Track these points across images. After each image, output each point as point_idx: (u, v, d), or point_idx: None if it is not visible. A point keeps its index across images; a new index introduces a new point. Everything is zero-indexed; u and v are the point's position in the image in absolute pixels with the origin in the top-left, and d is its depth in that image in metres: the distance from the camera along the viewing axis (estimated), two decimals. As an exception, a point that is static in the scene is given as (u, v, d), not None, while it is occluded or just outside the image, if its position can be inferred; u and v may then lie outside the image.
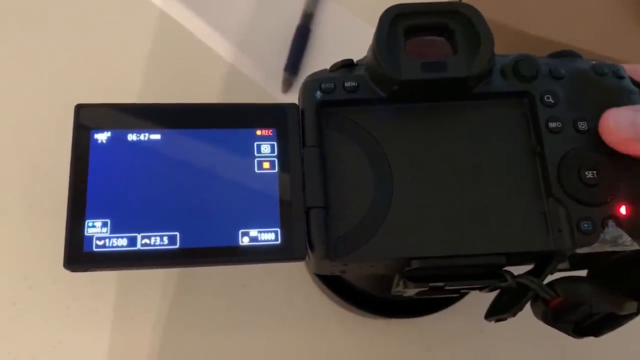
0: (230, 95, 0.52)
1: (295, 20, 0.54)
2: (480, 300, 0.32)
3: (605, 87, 0.29)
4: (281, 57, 0.53)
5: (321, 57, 0.54)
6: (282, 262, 0.27)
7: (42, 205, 0.46)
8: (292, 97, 0.52)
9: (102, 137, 0.27)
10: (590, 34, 0.44)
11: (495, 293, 0.32)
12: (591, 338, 0.31)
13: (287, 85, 0.52)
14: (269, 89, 0.52)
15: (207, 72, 0.52)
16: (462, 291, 0.31)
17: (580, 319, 0.30)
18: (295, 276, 0.46)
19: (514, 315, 0.29)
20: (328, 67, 0.31)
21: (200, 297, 0.46)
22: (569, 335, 0.30)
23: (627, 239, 0.27)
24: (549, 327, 0.31)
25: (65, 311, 0.45)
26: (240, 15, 0.54)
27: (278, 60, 0.53)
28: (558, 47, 0.34)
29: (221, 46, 0.53)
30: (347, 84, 0.29)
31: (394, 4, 0.29)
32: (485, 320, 0.32)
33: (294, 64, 0.52)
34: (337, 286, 0.41)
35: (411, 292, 0.29)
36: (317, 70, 0.31)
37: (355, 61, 0.31)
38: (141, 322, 0.45)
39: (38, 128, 0.49)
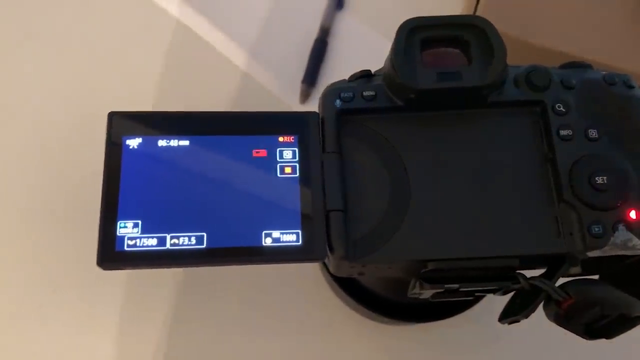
0: (248, 106, 0.53)
1: (312, 34, 0.56)
2: (495, 306, 0.33)
3: (615, 96, 0.30)
4: (299, 70, 0.54)
5: (338, 69, 0.55)
6: (303, 262, 0.28)
7: (65, 211, 0.48)
8: (310, 108, 0.52)
9: (133, 142, 0.28)
10: (601, 45, 0.45)
11: (509, 297, 0.33)
12: (605, 342, 0.32)
13: (304, 97, 0.53)
14: (288, 100, 0.54)
15: (227, 83, 0.54)
16: (476, 294, 0.32)
17: (592, 320, 0.30)
18: (311, 282, 0.47)
19: (526, 317, 0.30)
20: (346, 78, 0.32)
21: (215, 302, 0.47)
22: (580, 336, 0.31)
23: (637, 242, 0.28)
24: (565, 334, 0.32)
25: (88, 314, 0.46)
26: (259, 29, 0.56)
27: (296, 72, 0.54)
28: (570, 59, 0.36)
29: (240, 58, 0.55)
30: (365, 93, 0.30)
31: (408, 17, 0.30)
32: (501, 327, 0.32)
33: (311, 76, 0.54)
34: (353, 290, 0.42)
35: (427, 293, 0.30)
36: (333, 81, 0.32)
37: (373, 72, 0.32)
38: (156, 327, 0.46)
39: (63, 137, 0.51)
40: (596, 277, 0.33)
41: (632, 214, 0.28)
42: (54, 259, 0.47)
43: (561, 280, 0.30)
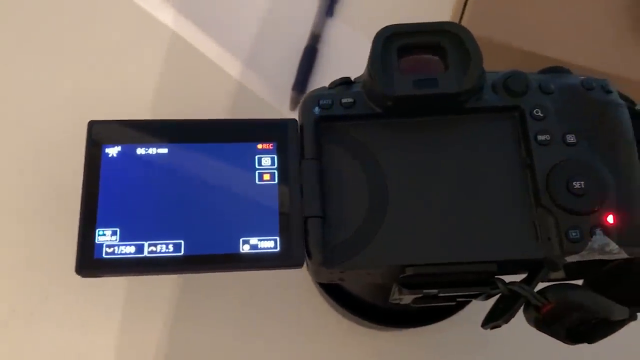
0: (239, 113, 0.54)
1: (303, 41, 0.56)
2: (484, 311, 0.33)
3: (593, 100, 0.30)
4: (289, 77, 0.55)
5: (328, 76, 0.55)
6: (281, 268, 0.28)
7: (57, 218, 0.48)
8: (300, 115, 0.53)
9: (112, 151, 0.29)
10: (585, 49, 0.45)
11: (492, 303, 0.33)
12: (588, 346, 0.32)
13: (294, 103, 0.54)
14: (278, 106, 0.54)
15: (217, 91, 0.54)
16: (458, 299, 0.32)
17: (573, 325, 0.30)
18: (302, 288, 0.48)
19: (506, 322, 0.30)
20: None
21: (207, 308, 0.47)
22: (562, 341, 0.31)
23: (614, 247, 0.28)
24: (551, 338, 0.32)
25: (81, 320, 0.47)
26: (250, 37, 0.56)
27: (286, 79, 0.55)
28: (554, 63, 0.36)
29: (231, 66, 0.55)
30: (344, 101, 0.31)
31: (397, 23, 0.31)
32: (490, 331, 0.32)
33: (301, 82, 0.54)
34: (340, 297, 0.42)
35: (407, 299, 0.30)
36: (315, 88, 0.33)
37: (353, 79, 0.32)
38: (150, 335, 0.46)
39: (52, 144, 0.51)
40: (580, 281, 0.33)
41: (610, 219, 0.28)
42: (51, 260, 0.47)
43: (542, 285, 0.30)
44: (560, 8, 0.47)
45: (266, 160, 0.29)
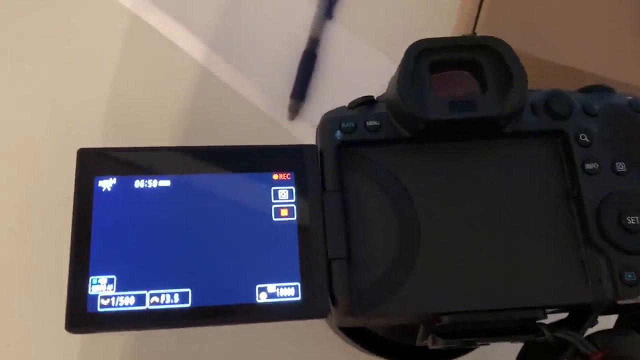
0: (235, 123, 0.50)
1: (301, 46, 0.52)
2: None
3: None
4: (287, 84, 0.51)
5: (328, 83, 0.52)
6: (304, 319, 0.25)
7: (39, 243, 0.44)
8: (299, 124, 0.50)
9: (106, 184, 0.25)
10: (602, 58, 0.42)
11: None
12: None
13: (293, 112, 0.50)
14: (275, 116, 0.50)
15: (213, 99, 0.50)
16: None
17: None
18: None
19: (551, 372, 0.27)
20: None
21: (206, 333, 0.44)
22: None
23: (673, 290, 0.25)
24: None
25: (62, 350, 0.42)
26: (246, 42, 0.53)
27: (284, 87, 0.51)
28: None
29: (225, 72, 0.51)
30: (369, 123, 0.27)
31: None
32: None
33: (300, 90, 0.51)
34: (354, 334, 0.39)
35: (440, 345, 0.27)
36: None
37: (375, 97, 0.29)
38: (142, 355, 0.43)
39: (32, 158, 0.47)
40: (615, 316, 0.31)
41: (668, 257, 0.25)
42: (26, 293, 0.43)
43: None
44: (577, 15, 0.44)
45: (283, 193, 0.26)
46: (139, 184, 0.25)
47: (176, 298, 0.24)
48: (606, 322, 0.29)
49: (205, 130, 0.49)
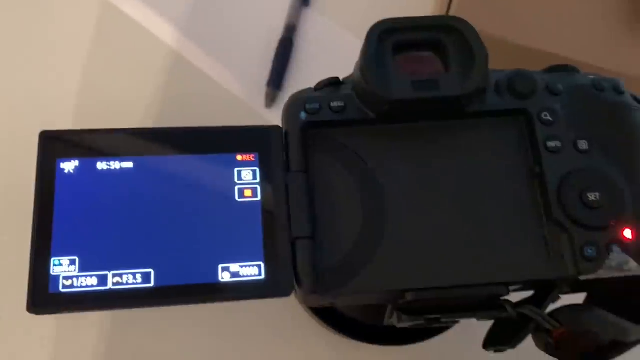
0: (212, 112, 0.50)
1: (277, 33, 0.52)
2: (476, 325, 0.30)
3: (605, 103, 0.28)
4: (264, 71, 0.51)
5: (306, 71, 0.52)
6: (267, 298, 0.25)
7: (8, 235, 0.44)
8: (276, 112, 0.50)
9: (69, 166, 0.25)
10: (580, 44, 0.42)
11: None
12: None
13: (270, 100, 0.50)
14: (252, 104, 0.50)
15: (189, 88, 0.50)
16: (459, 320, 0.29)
17: (585, 348, 0.28)
18: (284, 300, 0.44)
19: (514, 347, 0.28)
20: (313, 80, 0.29)
21: (182, 322, 0.44)
22: None
23: (633, 265, 0.26)
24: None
25: (40, 343, 0.42)
26: (222, 30, 0.52)
27: (261, 74, 0.51)
28: (553, 59, 0.33)
29: (201, 60, 0.51)
30: (333, 104, 0.27)
31: (378, 15, 0.27)
32: (482, 348, 0.30)
33: (277, 78, 0.51)
34: (325, 314, 0.39)
35: (405, 324, 0.27)
36: (301, 84, 0.29)
37: (341, 79, 0.29)
38: (123, 350, 0.43)
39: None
40: (583, 294, 0.31)
41: (627, 233, 0.26)
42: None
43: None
44: (554, 0, 0.44)
45: (247, 174, 0.26)
46: (101, 165, 0.25)
47: (139, 278, 0.24)
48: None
49: (181, 119, 0.48)
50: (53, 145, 0.25)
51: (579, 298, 0.31)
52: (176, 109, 0.49)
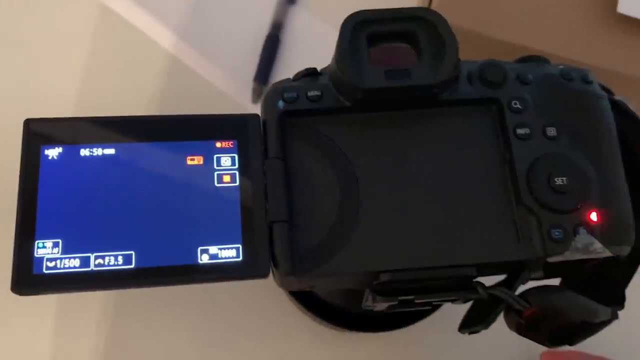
0: (199, 107, 0.49)
1: (264, 29, 0.53)
2: (457, 312, 0.31)
3: (573, 92, 0.29)
4: (251, 67, 0.52)
5: (292, 66, 0.52)
6: (244, 279, 0.26)
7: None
8: (263, 108, 0.51)
9: (52, 152, 0.26)
10: (560, 39, 0.43)
11: (469, 304, 0.31)
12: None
13: (257, 96, 0.51)
14: (239, 99, 0.51)
15: (176, 83, 0.51)
16: (434, 304, 0.30)
17: (554, 328, 0.29)
18: (268, 290, 0.45)
19: (486, 327, 0.29)
20: (290, 77, 0.30)
21: (168, 312, 0.44)
22: (543, 344, 0.30)
23: (598, 246, 0.27)
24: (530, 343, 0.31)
25: (31, 329, 0.43)
26: (210, 26, 0.53)
27: (247, 70, 0.52)
28: (527, 52, 0.34)
29: (188, 56, 0.52)
30: (310, 93, 0.28)
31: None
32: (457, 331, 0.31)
33: (264, 73, 0.51)
34: (308, 301, 0.40)
35: (381, 306, 0.28)
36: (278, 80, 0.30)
37: (319, 70, 0.30)
38: (109, 342, 0.43)
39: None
40: (558, 280, 0.32)
41: (593, 216, 0.27)
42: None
43: (522, 287, 0.29)
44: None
45: (226, 160, 0.27)
46: (84, 152, 0.26)
47: (120, 260, 0.25)
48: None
49: (167, 112, 0.49)
50: (37, 132, 0.26)
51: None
52: (164, 104, 0.50)
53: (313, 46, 0.54)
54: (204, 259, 0.25)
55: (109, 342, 0.43)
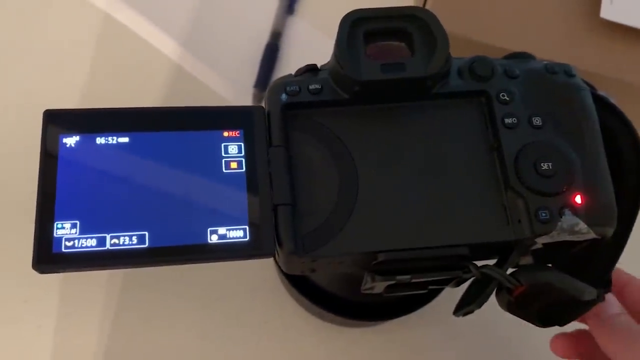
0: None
1: (264, 39, 0.55)
2: (451, 305, 0.32)
3: (557, 84, 0.31)
4: (251, 75, 0.54)
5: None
6: (251, 258, 0.27)
7: (10, 220, 0.46)
8: (263, 113, 0.53)
9: (70, 140, 0.27)
10: (545, 43, 0.46)
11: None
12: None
13: (257, 101, 0.53)
14: (240, 105, 0.53)
15: (178, 90, 0.53)
16: (430, 287, 0.31)
17: (544, 306, 0.31)
18: (268, 288, 0.47)
19: (479, 306, 0.30)
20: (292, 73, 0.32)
21: (172, 310, 0.46)
22: (534, 324, 0.31)
23: (583, 226, 0.28)
24: (528, 331, 0.32)
25: (36, 330, 0.44)
26: (211, 36, 0.55)
27: (248, 77, 0.54)
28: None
29: (191, 64, 0.54)
30: (311, 87, 0.30)
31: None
32: (460, 327, 0.32)
33: (263, 80, 0.54)
34: (308, 290, 0.41)
35: (379, 287, 0.30)
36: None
37: (319, 66, 0.32)
38: (115, 339, 0.45)
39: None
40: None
41: (578, 199, 0.29)
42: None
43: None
44: (519, 2, 0.48)
45: (233, 148, 0.29)
46: (100, 140, 0.28)
47: (134, 239, 0.26)
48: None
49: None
50: (56, 122, 0.28)
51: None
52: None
53: (310, 54, 0.55)
54: (214, 239, 0.27)
55: (110, 340, 0.44)
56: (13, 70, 0.52)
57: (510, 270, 0.30)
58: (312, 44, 0.56)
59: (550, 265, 0.33)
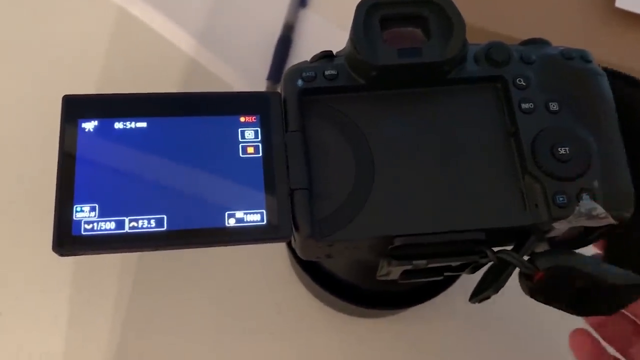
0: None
1: (276, 32, 0.56)
2: (465, 296, 0.32)
3: (573, 69, 0.31)
4: (264, 67, 0.54)
5: (303, 66, 0.55)
6: (268, 242, 0.27)
7: (26, 211, 0.47)
8: (276, 105, 0.53)
9: (89, 125, 0.28)
10: (559, 32, 0.45)
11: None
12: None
13: (270, 93, 0.53)
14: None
15: (192, 82, 0.53)
16: (445, 273, 0.31)
17: (574, 293, 0.30)
18: (281, 280, 0.47)
19: (496, 292, 0.30)
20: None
21: (186, 302, 0.46)
22: (566, 311, 0.30)
23: (601, 211, 0.28)
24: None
25: (53, 320, 0.45)
26: (225, 29, 0.56)
27: (261, 70, 0.54)
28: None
29: (204, 57, 0.54)
30: (327, 73, 0.30)
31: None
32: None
33: (276, 72, 0.54)
34: (321, 278, 0.41)
35: (395, 273, 0.30)
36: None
37: (334, 53, 0.32)
38: (129, 328, 0.45)
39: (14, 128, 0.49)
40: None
41: (595, 183, 0.28)
42: (15, 262, 0.46)
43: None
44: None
45: (249, 133, 0.29)
46: (118, 125, 0.28)
47: (153, 223, 0.26)
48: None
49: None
50: (75, 107, 0.28)
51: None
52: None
53: (323, 46, 0.55)
54: (231, 222, 0.27)
55: (124, 329, 0.45)
56: (29, 63, 0.53)
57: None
58: (325, 36, 0.57)
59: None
